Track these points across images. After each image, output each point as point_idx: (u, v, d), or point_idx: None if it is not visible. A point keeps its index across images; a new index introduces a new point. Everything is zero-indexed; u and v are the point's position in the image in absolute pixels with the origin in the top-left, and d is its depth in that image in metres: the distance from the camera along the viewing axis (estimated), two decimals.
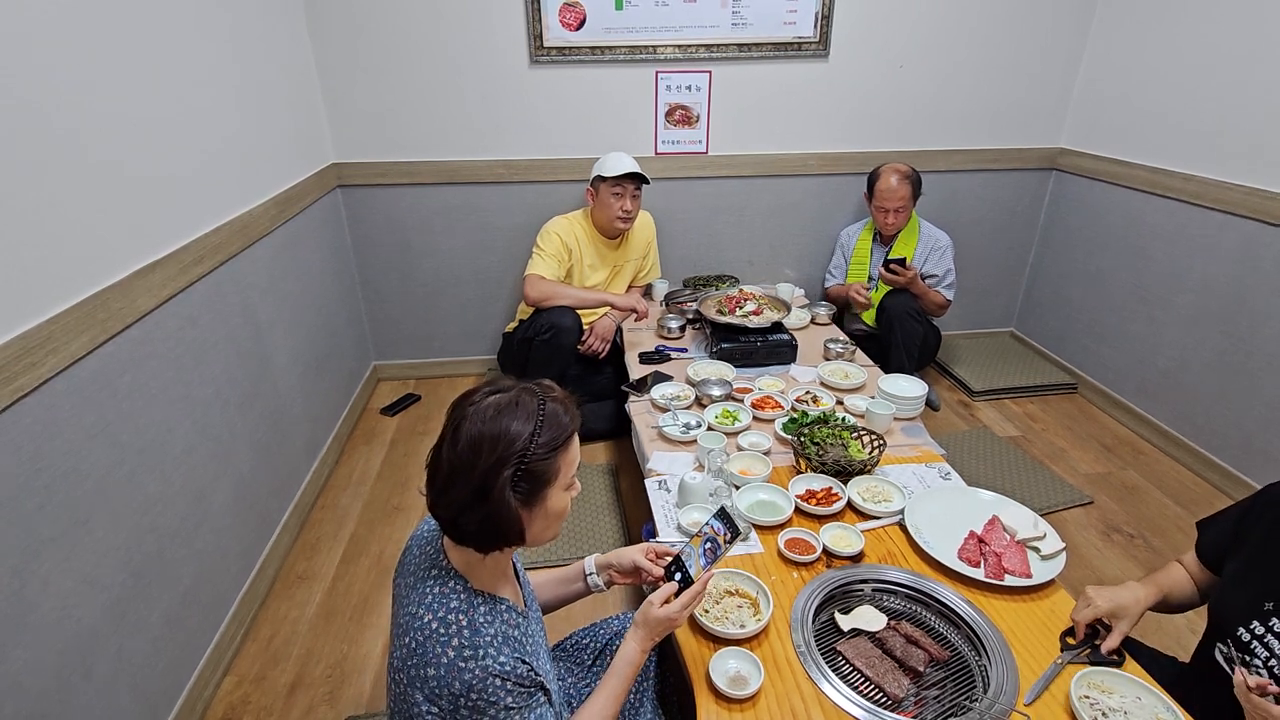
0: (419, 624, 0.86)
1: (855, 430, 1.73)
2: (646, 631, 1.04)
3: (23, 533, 1.13)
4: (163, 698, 1.48)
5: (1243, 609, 1.10)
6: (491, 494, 0.84)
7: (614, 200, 2.46)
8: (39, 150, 1.21)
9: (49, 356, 1.19)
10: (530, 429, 0.86)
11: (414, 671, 0.84)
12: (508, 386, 0.90)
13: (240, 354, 1.89)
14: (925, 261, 2.72)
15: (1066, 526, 2.15)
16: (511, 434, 0.85)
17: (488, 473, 0.84)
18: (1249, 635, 1.08)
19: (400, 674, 0.86)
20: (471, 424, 0.85)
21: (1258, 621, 1.07)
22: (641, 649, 1.04)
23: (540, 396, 0.90)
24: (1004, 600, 1.26)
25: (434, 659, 0.83)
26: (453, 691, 0.82)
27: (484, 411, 0.86)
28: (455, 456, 0.85)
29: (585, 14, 2.58)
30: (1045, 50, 2.84)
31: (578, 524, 2.14)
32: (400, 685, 0.87)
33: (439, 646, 0.84)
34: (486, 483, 0.84)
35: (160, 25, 1.59)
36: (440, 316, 3.05)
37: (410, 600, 0.90)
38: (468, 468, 0.84)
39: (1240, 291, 2.27)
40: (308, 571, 2.03)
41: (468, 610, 0.87)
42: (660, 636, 1.06)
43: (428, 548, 0.96)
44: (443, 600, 0.88)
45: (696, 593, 1.07)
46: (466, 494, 0.84)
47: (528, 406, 0.87)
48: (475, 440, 0.84)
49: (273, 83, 2.20)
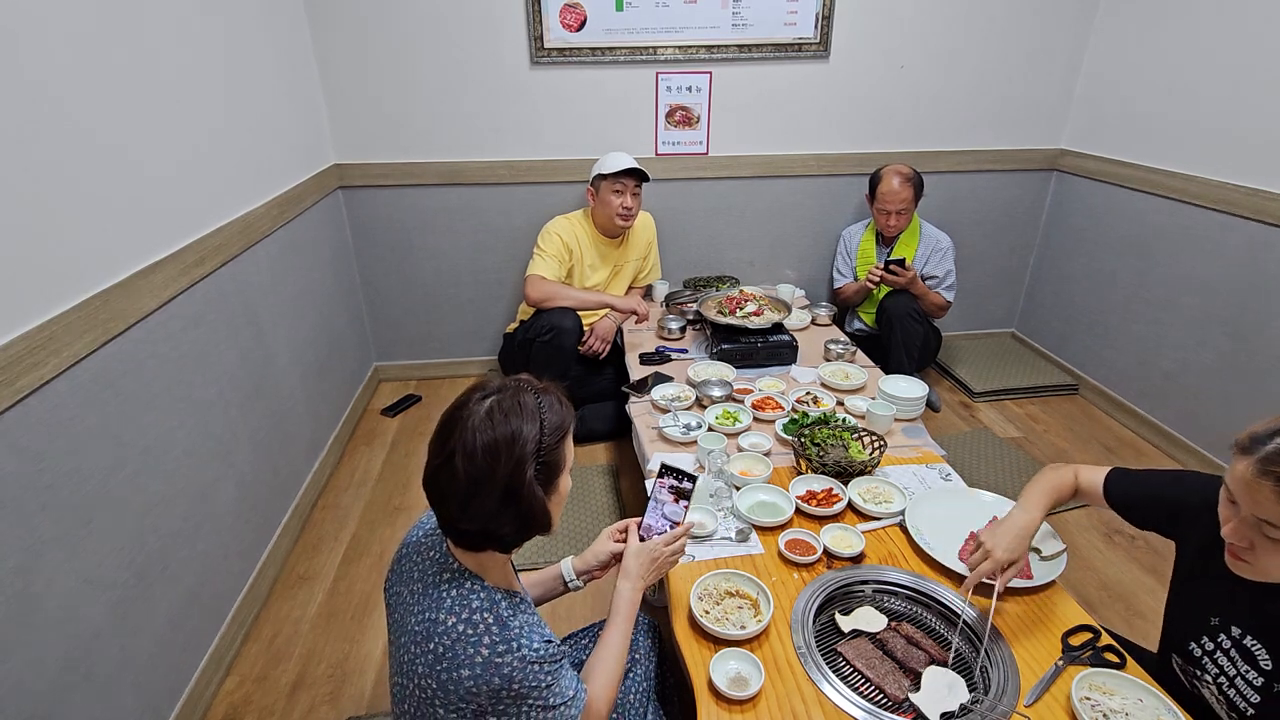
0: (442, 629, 0.86)
1: (856, 431, 1.73)
2: (637, 570, 1.12)
3: (25, 533, 1.14)
4: (164, 697, 1.48)
5: (1192, 622, 1.09)
6: (521, 492, 0.86)
7: (614, 198, 2.46)
8: (40, 151, 1.21)
9: (51, 357, 1.19)
10: (538, 424, 0.88)
11: (444, 675, 0.84)
12: (494, 390, 0.90)
13: (242, 355, 1.89)
14: (926, 263, 2.72)
15: (1068, 528, 2.15)
16: (524, 433, 0.87)
17: (512, 474, 0.85)
18: (1200, 651, 1.07)
19: (427, 679, 0.86)
20: (480, 433, 0.85)
21: (1206, 636, 1.06)
22: (633, 587, 1.11)
23: (531, 391, 0.91)
24: (1004, 601, 1.26)
25: (467, 660, 0.84)
26: (492, 687, 0.83)
27: (486, 420, 0.86)
28: (473, 469, 0.84)
29: (586, 15, 2.58)
30: (1046, 51, 2.84)
31: (578, 525, 2.14)
32: (427, 691, 0.86)
33: (470, 647, 0.84)
34: (512, 484, 0.86)
35: (161, 26, 1.60)
36: (441, 317, 3.06)
37: (423, 606, 0.90)
38: (488, 475, 0.85)
39: (1243, 293, 2.26)
40: (309, 572, 2.03)
41: (491, 608, 0.88)
42: (648, 579, 1.13)
43: (430, 553, 0.96)
44: (463, 602, 0.88)
45: (678, 535, 1.16)
46: (494, 500, 0.85)
47: (526, 404, 0.89)
48: (490, 447, 0.85)
49: (274, 84, 2.20)
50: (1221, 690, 1.03)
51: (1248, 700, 0.99)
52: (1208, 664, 1.06)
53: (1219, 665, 1.04)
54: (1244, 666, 1.00)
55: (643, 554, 1.13)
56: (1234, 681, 1.02)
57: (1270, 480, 0.86)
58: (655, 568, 1.14)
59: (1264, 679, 0.98)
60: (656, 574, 1.15)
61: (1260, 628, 0.99)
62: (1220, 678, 1.03)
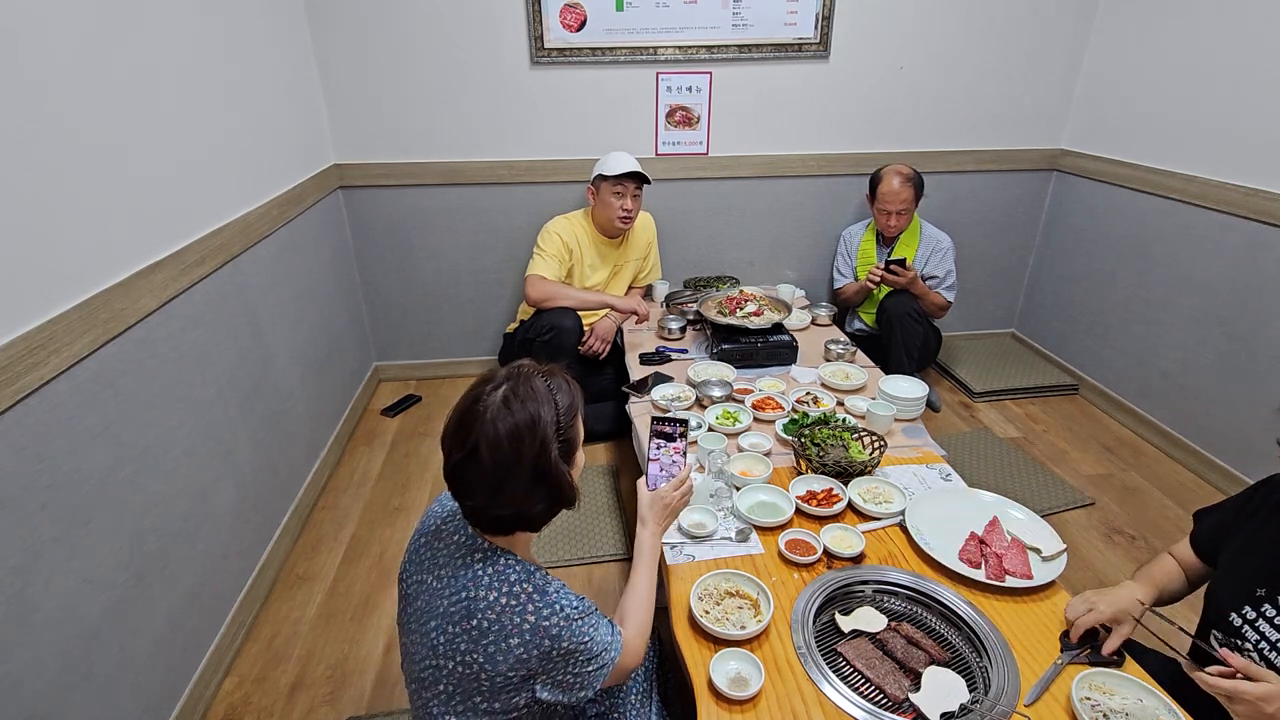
0: (484, 605, 0.90)
1: (856, 431, 1.73)
2: (653, 518, 1.19)
3: (25, 533, 1.14)
4: (164, 698, 1.48)
5: (1235, 594, 1.09)
6: (550, 471, 0.91)
7: (615, 200, 2.46)
8: (40, 151, 1.21)
9: (51, 357, 1.19)
10: (552, 405, 0.93)
11: (492, 648, 0.89)
12: (504, 379, 0.93)
13: (242, 355, 1.89)
14: (927, 263, 2.72)
15: (1068, 528, 2.15)
16: (542, 415, 0.91)
17: (538, 455, 0.90)
18: (1240, 620, 1.07)
19: (472, 654, 0.89)
20: (501, 422, 0.89)
21: (1249, 606, 1.06)
22: (652, 534, 1.19)
23: (540, 375, 0.96)
24: (1005, 601, 1.26)
25: (514, 629, 0.89)
26: (542, 650, 0.89)
27: (504, 408, 0.90)
28: (499, 456, 0.88)
29: (586, 15, 2.58)
30: (1046, 51, 2.84)
31: (579, 525, 2.14)
32: (471, 666, 0.90)
33: (515, 617, 0.89)
34: (539, 464, 0.90)
35: (161, 26, 1.60)
36: (441, 317, 3.06)
37: (456, 587, 0.93)
38: (515, 460, 0.89)
39: (1242, 293, 2.26)
40: (308, 572, 2.03)
41: (528, 578, 0.93)
42: (665, 521, 1.21)
43: (454, 537, 0.98)
44: (502, 576, 0.92)
45: (682, 479, 1.23)
46: (524, 483, 0.90)
47: (538, 389, 0.93)
48: (514, 433, 0.88)
49: (274, 84, 2.20)
50: (1264, 656, 1.03)
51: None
52: (1248, 632, 1.05)
53: (1260, 632, 1.03)
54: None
55: (656, 502, 1.21)
56: (1276, 645, 1.01)
57: None
58: (669, 512, 1.22)
59: None
60: (671, 517, 1.23)
61: None
62: (1261, 643, 1.03)
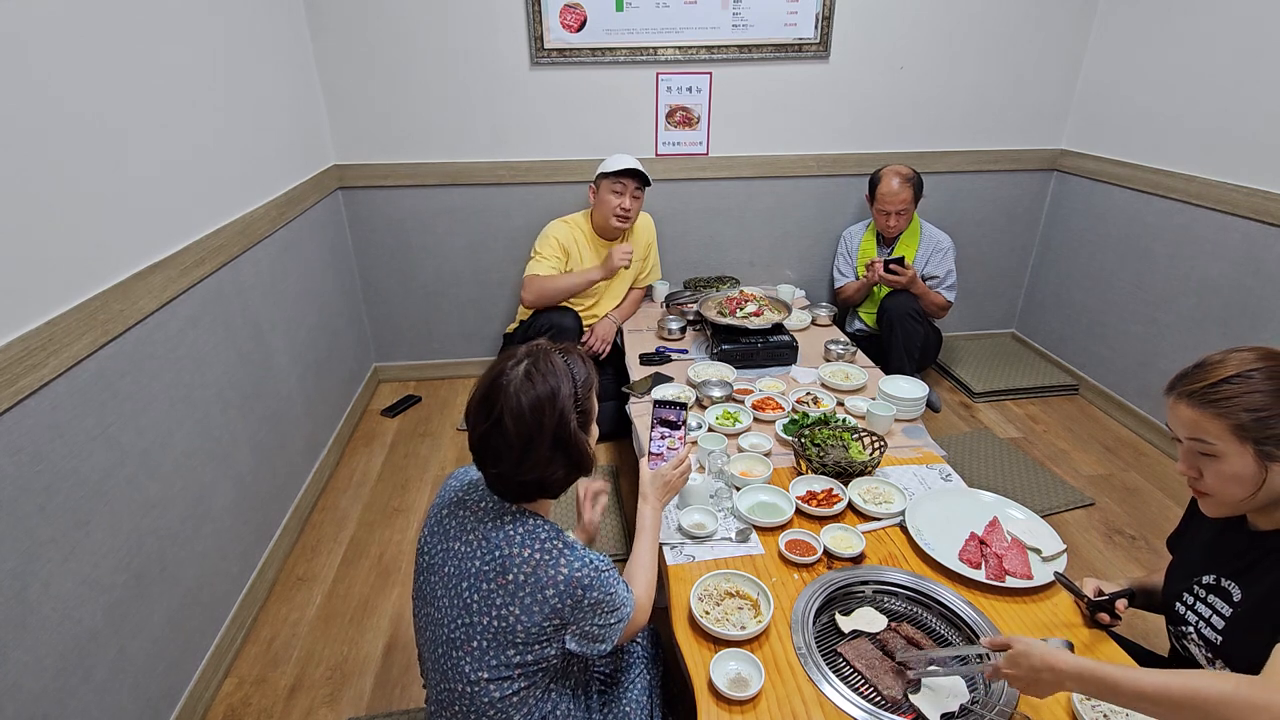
0: (520, 560, 0.96)
1: (856, 432, 1.73)
2: (653, 494, 1.29)
3: (23, 534, 1.13)
4: (163, 699, 1.47)
5: (1179, 585, 1.13)
6: (570, 439, 0.99)
7: (613, 197, 2.46)
8: (40, 152, 1.21)
9: (50, 358, 1.19)
10: (570, 378, 1.00)
11: (528, 600, 0.95)
12: (525, 356, 1.00)
13: (241, 356, 1.89)
14: (927, 263, 2.72)
15: (1068, 528, 2.15)
16: (561, 388, 0.98)
17: (559, 425, 0.97)
18: (1184, 607, 1.11)
19: (508, 607, 0.95)
20: (524, 394, 0.95)
21: (1188, 594, 1.10)
22: (653, 507, 1.28)
23: (558, 352, 1.03)
24: (1005, 602, 1.26)
25: (550, 580, 0.95)
26: (575, 598, 0.96)
27: (526, 381, 0.96)
28: (522, 426, 0.95)
29: (586, 15, 2.58)
30: (1046, 51, 2.84)
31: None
32: (508, 620, 0.95)
33: (550, 569, 0.96)
34: (560, 433, 0.97)
35: (160, 27, 1.60)
36: (441, 318, 3.05)
37: (488, 547, 0.98)
38: (537, 429, 0.96)
39: (1242, 293, 2.26)
40: (308, 573, 2.03)
41: (557, 535, 1.00)
42: (665, 497, 1.30)
43: (481, 504, 1.04)
44: (534, 534, 0.98)
45: (681, 458, 1.33)
46: (545, 450, 0.97)
47: (557, 364, 1.00)
48: (536, 405, 0.95)
49: (274, 85, 2.20)
50: (1200, 634, 1.06)
51: (1217, 630, 1.03)
52: (1189, 616, 1.09)
53: (1197, 613, 1.07)
54: (1219, 603, 1.04)
55: (656, 479, 1.31)
56: (1210, 621, 1.05)
57: (1182, 399, 0.99)
58: (669, 489, 1.31)
59: (1230, 609, 1.01)
60: (670, 494, 1.32)
61: (1237, 570, 1.03)
62: (1199, 622, 1.06)
